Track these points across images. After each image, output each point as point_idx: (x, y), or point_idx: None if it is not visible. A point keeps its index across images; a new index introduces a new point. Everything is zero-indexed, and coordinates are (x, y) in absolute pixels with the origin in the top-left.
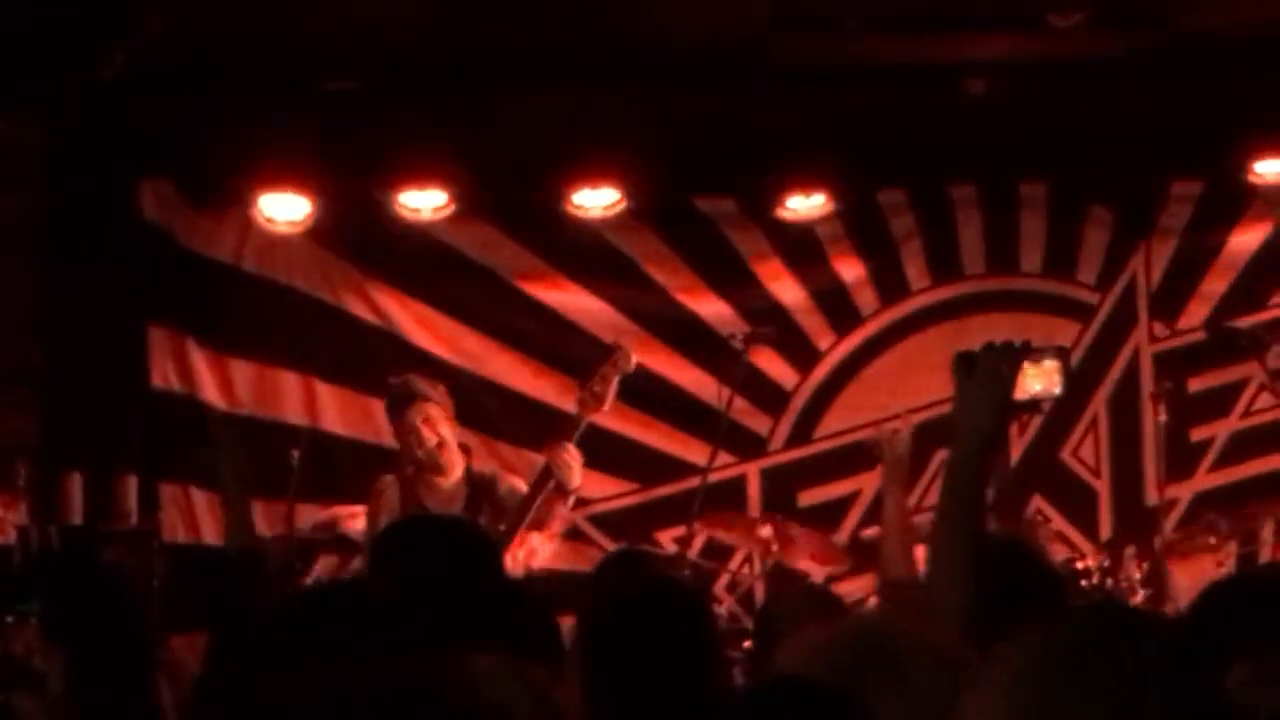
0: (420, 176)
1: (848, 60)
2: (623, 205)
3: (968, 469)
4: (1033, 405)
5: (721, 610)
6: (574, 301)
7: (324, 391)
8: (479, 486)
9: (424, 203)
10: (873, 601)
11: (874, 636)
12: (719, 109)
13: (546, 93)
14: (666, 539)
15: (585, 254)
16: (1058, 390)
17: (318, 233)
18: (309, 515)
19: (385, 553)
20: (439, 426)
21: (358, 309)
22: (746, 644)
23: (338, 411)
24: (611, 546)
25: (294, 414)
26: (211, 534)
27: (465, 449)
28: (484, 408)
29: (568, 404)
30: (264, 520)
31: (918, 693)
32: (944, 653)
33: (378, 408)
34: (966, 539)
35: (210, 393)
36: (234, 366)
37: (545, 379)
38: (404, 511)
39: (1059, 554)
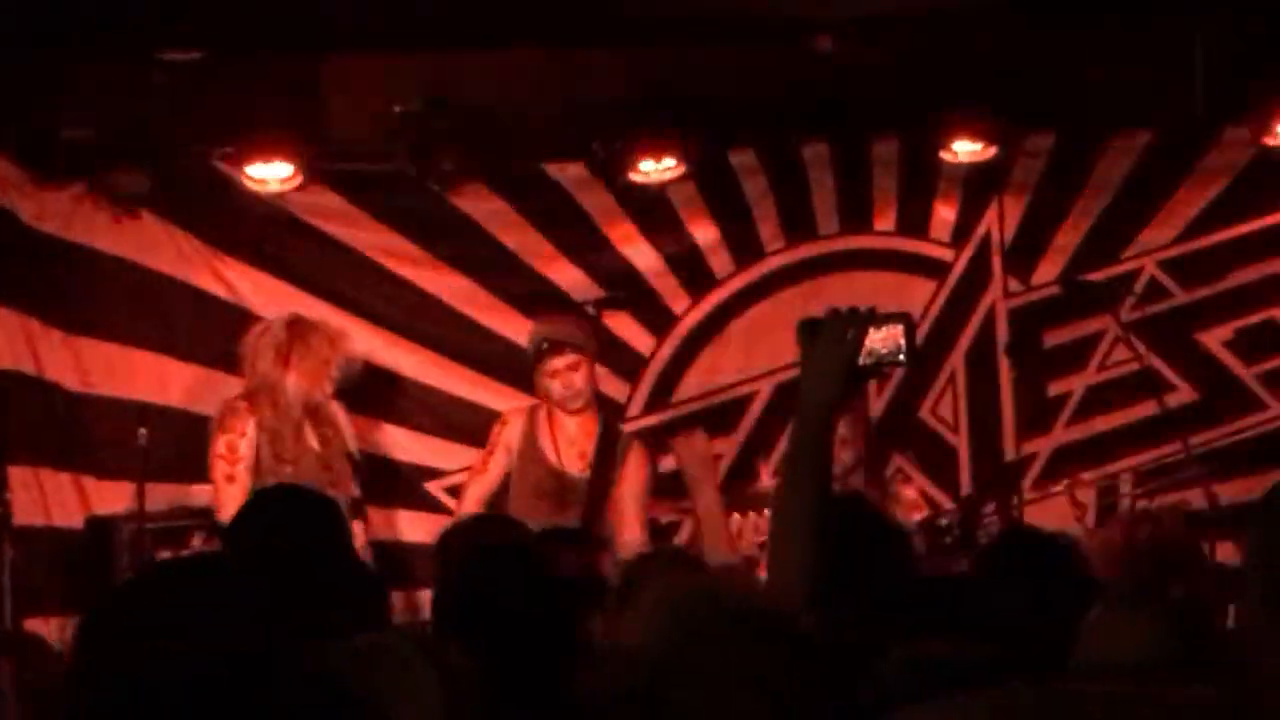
0: (265, 148)
1: (694, 17)
2: (472, 175)
3: (812, 432)
4: (876, 371)
5: None
6: (425, 271)
7: (174, 369)
8: (612, 443)
9: (270, 174)
10: None
11: (700, 604)
12: (566, 70)
13: (391, 59)
14: None
15: (434, 222)
16: (902, 356)
17: (163, 206)
18: (163, 495)
19: (242, 526)
20: (580, 374)
21: (208, 284)
22: None
23: (188, 389)
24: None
25: (144, 392)
26: (62, 517)
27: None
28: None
29: (422, 375)
30: (114, 501)
31: (741, 660)
32: (772, 620)
33: (230, 384)
34: (811, 501)
35: (59, 372)
36: (83, 345)
37: (397, 350)
38: (525, 443)
39: (919, 511)
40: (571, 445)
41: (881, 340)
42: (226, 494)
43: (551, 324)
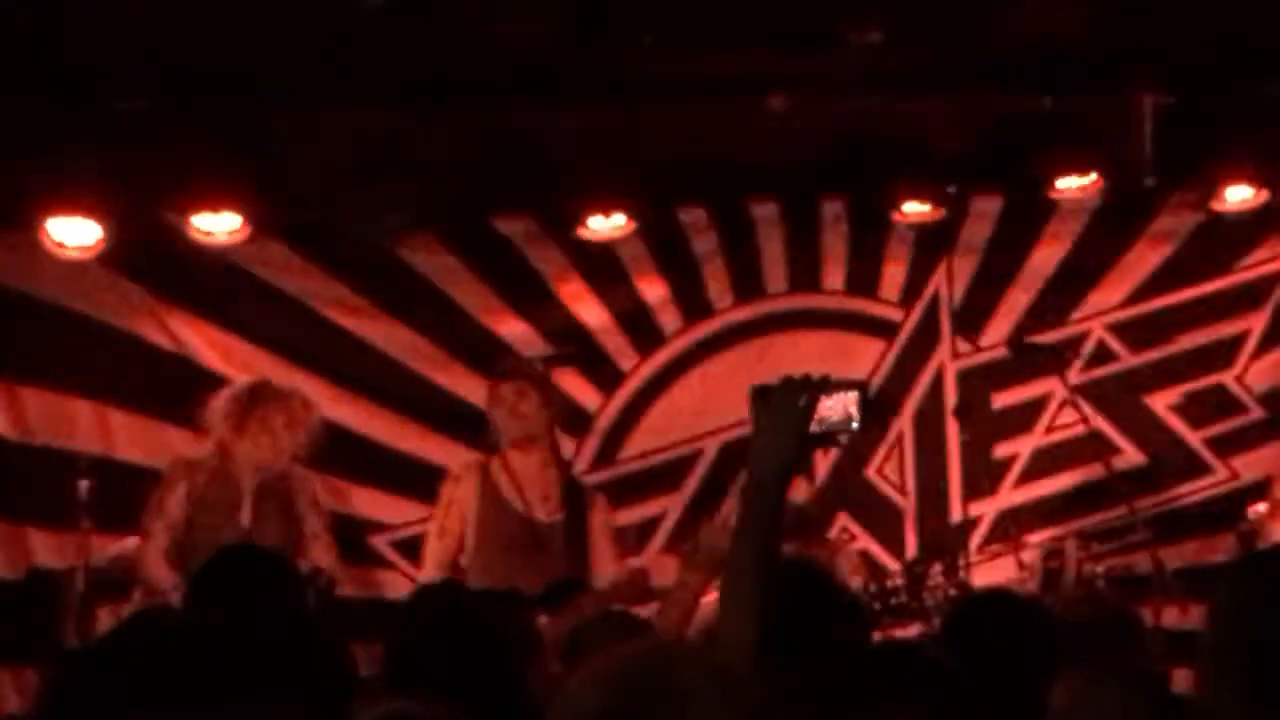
0: (213, 199)
1: (645, 75)
2: (419, 228)
3: (762, 500)
4: (829, 439)
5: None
6: (373, 324)
7: (118, 420)
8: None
9: (217, 226)
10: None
11: (658, 664)
12: (516, 126)
13: (341, 112)
14: None
15: (383, 275)
16: (855, 425)
17: (110, 257)
18: (103, 547)
19: (207, 585)
20: (529, 401)
21: (153, 335)
22: None
23: (132, 440)
24: (413, 572)
25: (86, 443)
26: (3, 567)
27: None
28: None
29: (367, 429)
30: (56, 552)
31: (697, 713)
32: (732, 682)
33: (173, 436)
34: (760, 570)
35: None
36: (24, 395)
37: (344, 403)
38: (484, 499)
39: (863, 574)
40: (534, 487)
41: (834, 408)
42: (144, 549)
43: (507, 360)
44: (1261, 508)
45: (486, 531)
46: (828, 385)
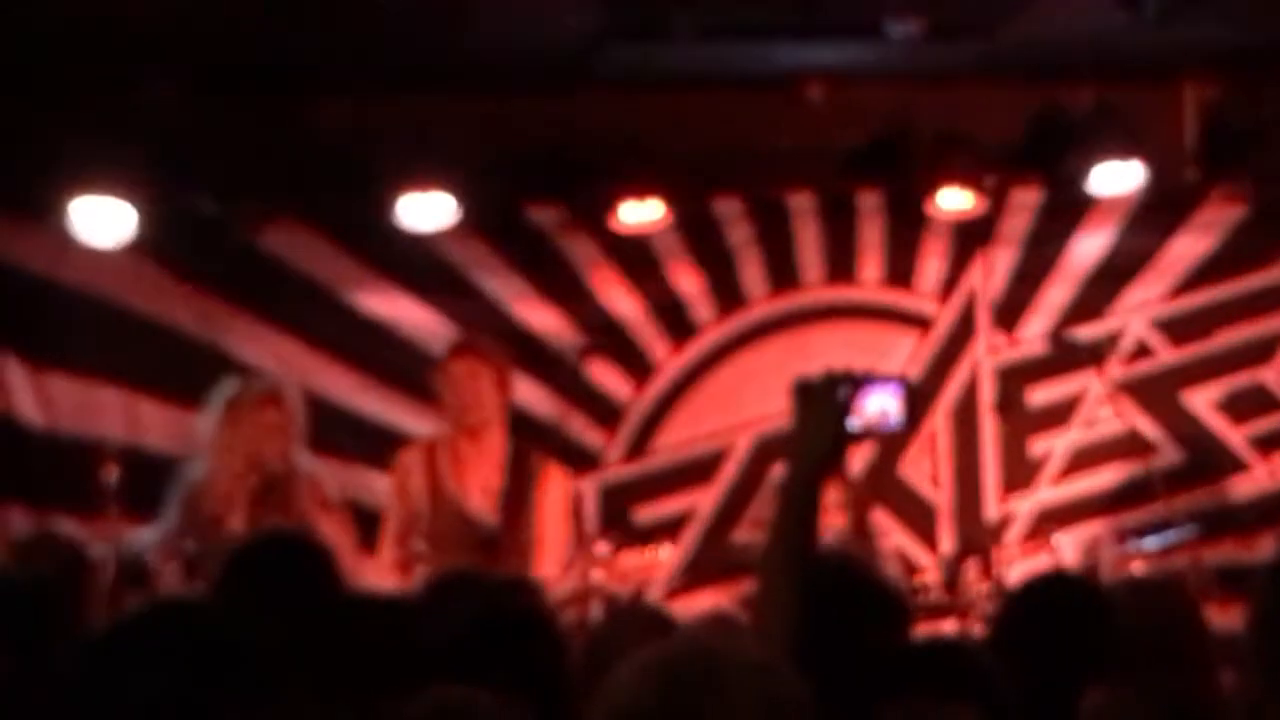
0: (245, 185)
1: (681, 67)
2: (454, 217)
3: (800, 495)
4: (869, 435)
5: None
6: (403, 313)
7: (146, 407)
8: (524, 479)
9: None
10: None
11: (707, 659)
12: (551, 116)
13: (375, 100)
14: None
15: (414, 264)
16: (895, 421)
17: (139, 243)
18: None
19: (237, 573)
20: (481, 383)
21: (181, 322)
22: None
23: (160, 427)
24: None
25: (114, 430)
26: None
27: None
28: (309, 420)
29: (394, 417)
30: (86, 539)
31: (746, 713)
32: (780, 679)
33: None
34: (797, 564)
35: (27, 409)
36: (52, 381)
37: (372, 392)
38: (431, 488)
39: (898, 569)
40: (476, 481)
41: (875, 404)
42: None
43: (465, 337)
44: None
45: (438, 527)
46: (870, 379)
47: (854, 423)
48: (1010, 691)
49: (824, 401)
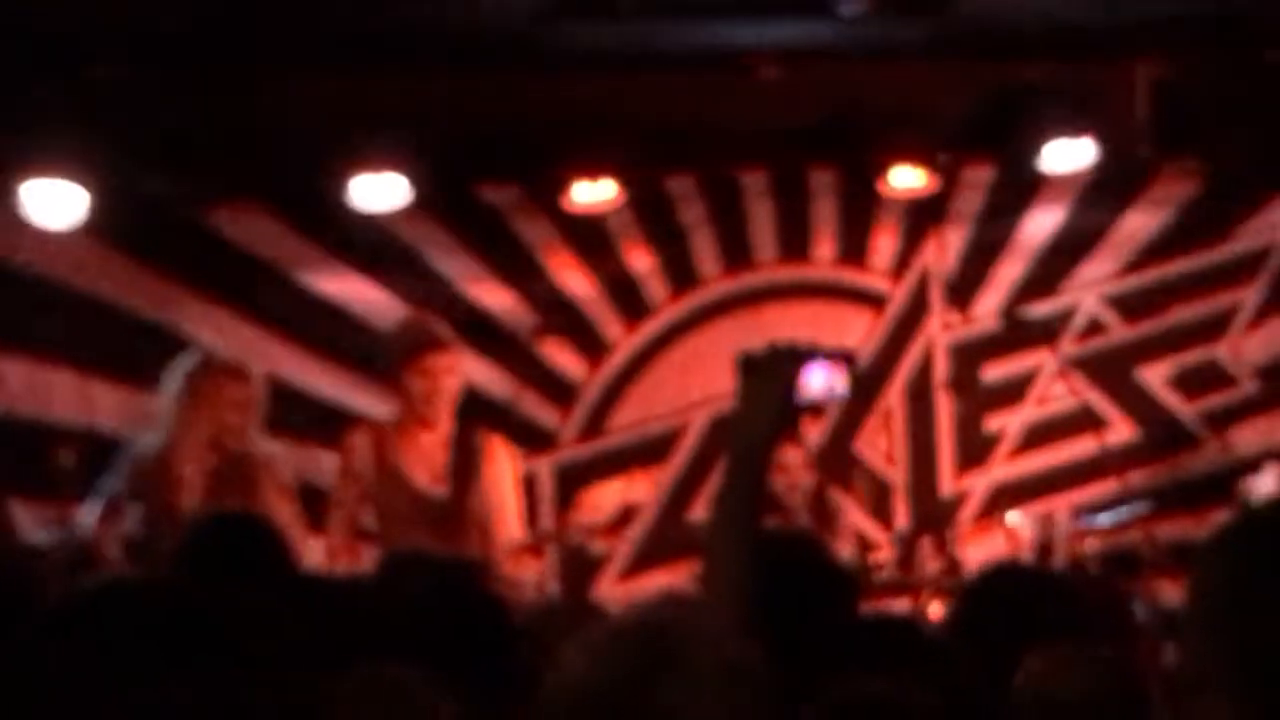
0: (198, 166)
1: (632, 45)
2: (406, 197)
3: (746, 469)
4: (815, 408)
5: None
6: (356, 293)
7: (100, 389)
8: (468, 453)
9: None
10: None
11: (655, 628)
12: (503, 95)
13: (327, 80)
14: None
15: (367, 244)
16: (841, 394)
17: (91, 225)
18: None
19: (191, 552)
20: (454, 379)
21: (134, 304)
22: None
23: (114, 409)
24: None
25: (68, 412)
26: None
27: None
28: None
29: (349, 397)
30: (38, 523)
31: (704, 685)
32: (737, 654)
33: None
34: (744, 538)
35: None
36: (5, 364)
37: (326, 372)
38: (379, 467)
39: (854, 547)
40: (423, 458)
41: (820, 377)
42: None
43: (426, 321)
44: (1256, 481)
45: (389, 505)
46: (814, 353)
47: (799, 396)
48: (959, 667)
49: (769, 375)
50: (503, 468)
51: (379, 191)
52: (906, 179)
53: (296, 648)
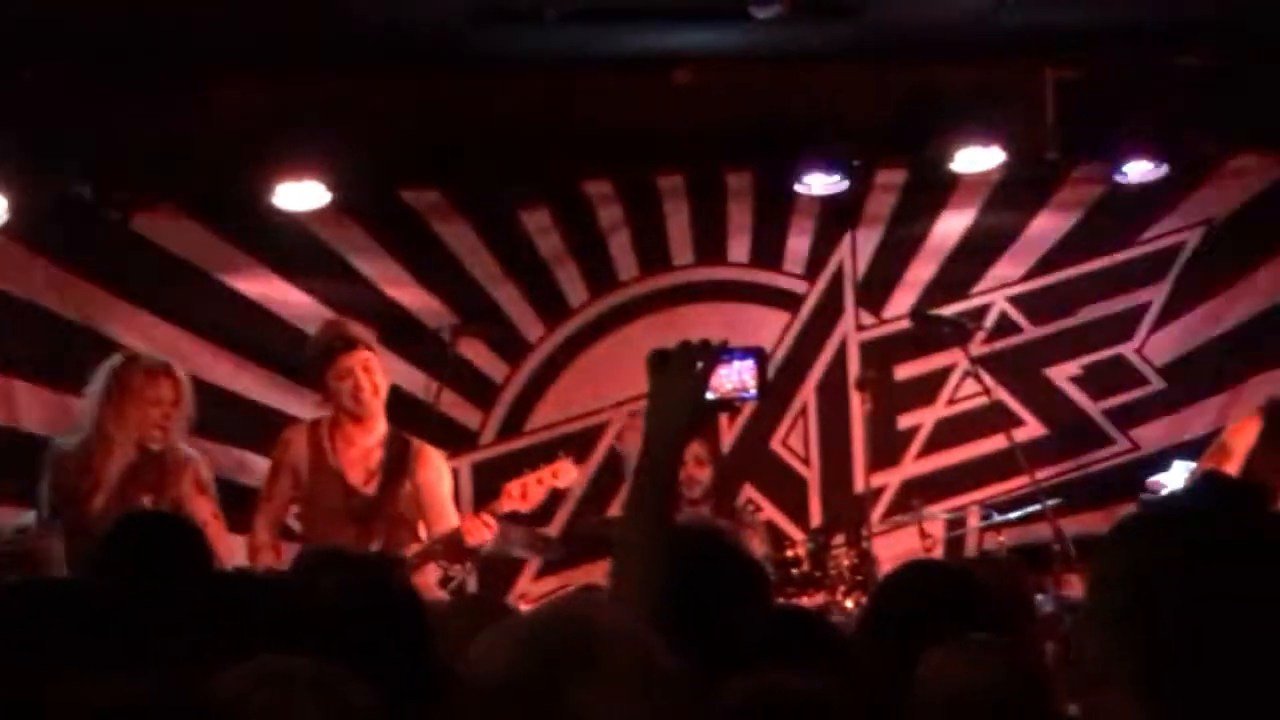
0: (119, 169)
1: (552, 49)
2: (328, 200)
3: (657, 465)
4: (726, 405)
5: None
6: (280, 296)
7: (22, 390)
8: (401, 456)
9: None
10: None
11: (566, 623)
12: (425, 99)
13: (248, 84)
14: None
15: (290, 248)
16: (752, 391)
17: (13, 228)
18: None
19: (106, 551)
20: (377, 376)
21: (56, 306)
22: None
23: (37, 410)
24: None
25: None
26: None
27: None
28: None
29: (271, 398)
30: None
31: (618, 681)
32: (647, 642)
33: (78, 406)
34: (656, 534)
35: None
36: None
37: (249, 374)
38: (313, 463)
39: (768, 544)
40: (357, 456)
41: (731, 375)
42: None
43: (343, 323)
44: (1162, 478)
45: (318, 500)
46: (725, 351)
47: (711, 394)
48: (868, 661)
49: (680, 372)
50: (439, 471)
51: (301, 195)
52: (821, 181)
53: (210, 645)
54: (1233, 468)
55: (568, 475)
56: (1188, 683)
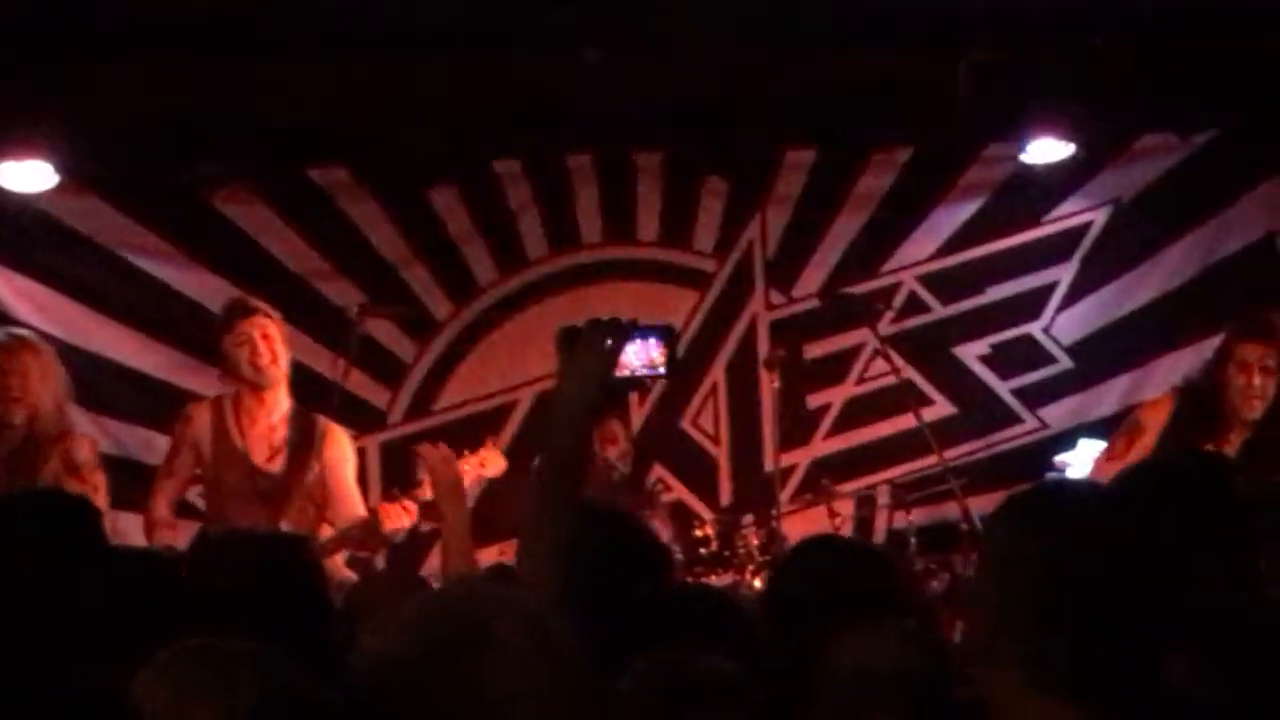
0: (24, 148)
1: (460, 28)
2: (234, 178)
3: (565, 442)
4: (635, 383)
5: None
6: (186, 274)
7: None
8: (306, 433)
9: (28, 175)
10: None
11: (464, 603)
12: (329, 76)
13: (151, 64)
14: None
15: (195, 225)
16: (662, 369)
17: None
18: None
19: None
20: (276, 345)
21: None
22: None
23: None
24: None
25: None
26: None
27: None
28: (90, 382)
29: (178, 377)
30: None
31: (513, 658)
32: (546, 628)
33: None
34: (562, 512)
35: None
36: None
37: (155, 353)
38: (216, 440)
39: (673, 524)
40: (261, 434)
41: (641, 352)
42: None
43: (243, 298)
44: (1069, 457)
45: (223, 478)
46: (635, 328)
47: (619, 371)
48: (769, 640)
49: (589, 350)
50: (344, 451)
51: (208, 173)
52: (732, 161)
53: (107, 624)
54: (1146, 445)
55: (496, 465)
56: (1072, 659)
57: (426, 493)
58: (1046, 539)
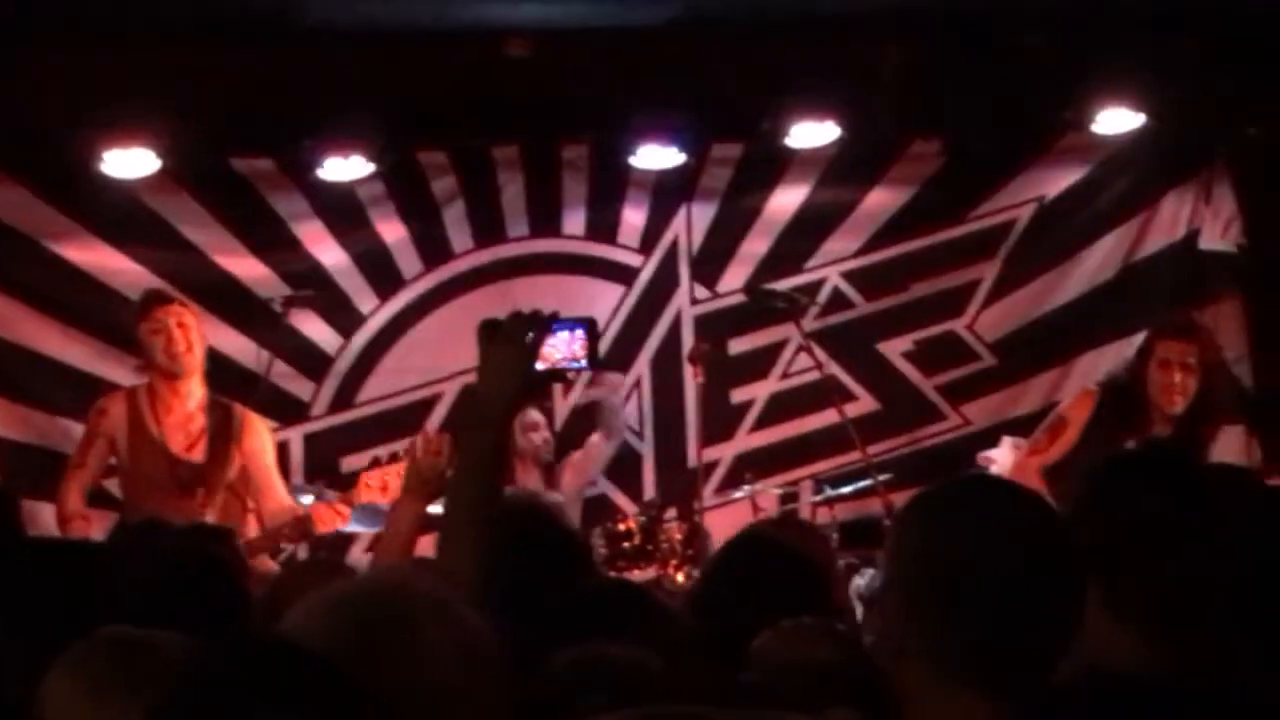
0: None
1: (387, 19)
2: (157, 168)
3: (484, 434)
4: (556, 375)
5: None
6: (108, 264)
7: None
8: (224, 422)
9: None
10: None
11: (382, 593)
12: (257, 67)
13: (77, 51)
14: None
15: (119, 216)
16: (583, 362)
17: None
18: None
19: None
20: (192, 334)
21: None
22: None
23: None
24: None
25: None
26: None
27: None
28: (11, 372)
29: (99, 368)
30: None
31: (429, 649)
32: (465, 618)
33: None
34: (482, 505)
35: None
36: None
37: (76, 343)
38: (133, 432)
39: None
40: (177, 423)
41: (562, 345)
42: None
43: (161, 289)
44: (991, 453)
45: (139, 469)
46: (556, 321)
47: (541, 364)
48: (690, 634)
49: (510, 342)
50: (263, 439)
51: (130, 162)
52: (656, 155)
53: (20, 615)
54: (1069, 441)
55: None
56: (979, 651)
57: (359, 497)
58: (954, 534)
